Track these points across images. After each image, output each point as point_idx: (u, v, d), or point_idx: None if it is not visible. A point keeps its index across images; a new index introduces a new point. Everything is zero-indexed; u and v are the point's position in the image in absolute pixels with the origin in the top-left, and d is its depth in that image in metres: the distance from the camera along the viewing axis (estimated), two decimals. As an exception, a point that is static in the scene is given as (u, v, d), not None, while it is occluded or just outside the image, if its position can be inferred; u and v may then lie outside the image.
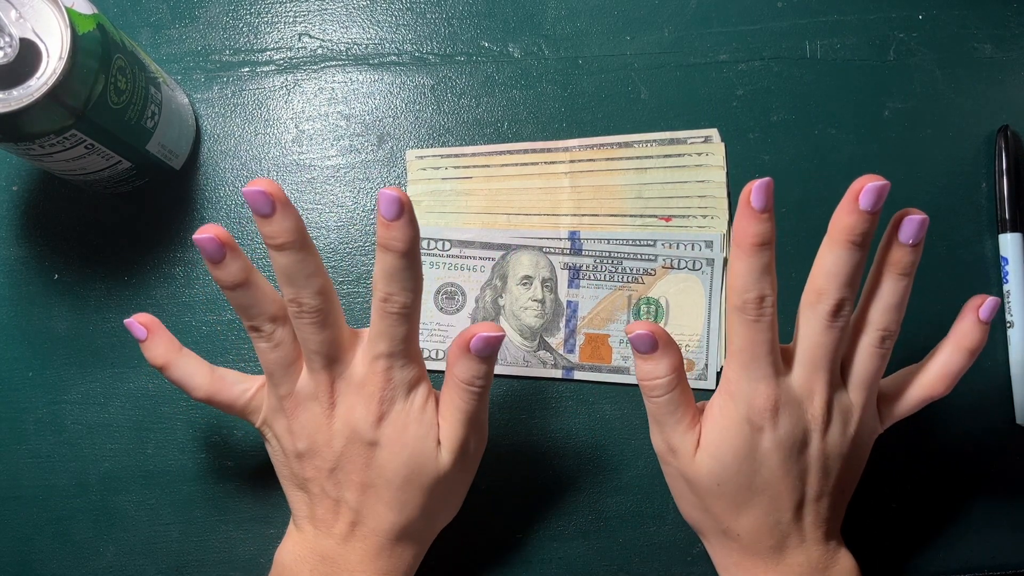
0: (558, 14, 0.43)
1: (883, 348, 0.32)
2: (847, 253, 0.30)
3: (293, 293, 0.31)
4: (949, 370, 0.33)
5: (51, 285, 0.41)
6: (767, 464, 0.32)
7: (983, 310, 0.32)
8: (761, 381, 0.32)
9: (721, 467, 0.32)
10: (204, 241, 0.30)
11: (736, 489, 0.32)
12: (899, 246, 0.31)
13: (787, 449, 0.32)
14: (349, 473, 0.33)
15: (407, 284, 0.31)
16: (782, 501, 0.33)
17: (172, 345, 0.34)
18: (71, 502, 0.40)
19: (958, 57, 0.43)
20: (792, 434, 0.32)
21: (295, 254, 0.31)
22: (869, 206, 0.29)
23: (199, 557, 0.40)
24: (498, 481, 0.40)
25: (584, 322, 0.41)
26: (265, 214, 0.30)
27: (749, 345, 0.32)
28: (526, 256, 0.41)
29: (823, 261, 0.31)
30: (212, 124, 0.42)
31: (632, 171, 0.41)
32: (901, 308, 0.32)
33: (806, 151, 0.42)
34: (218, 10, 0.43)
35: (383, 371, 0.32)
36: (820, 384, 0.32)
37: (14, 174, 0.42)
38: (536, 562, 0.40)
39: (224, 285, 0.31)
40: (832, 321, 0.31)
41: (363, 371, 0.33)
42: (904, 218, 0.30)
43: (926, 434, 0.41)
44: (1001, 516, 0.40)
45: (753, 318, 0.31)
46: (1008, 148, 0.42)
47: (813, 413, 0.32)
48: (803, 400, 0.32)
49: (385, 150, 0.42)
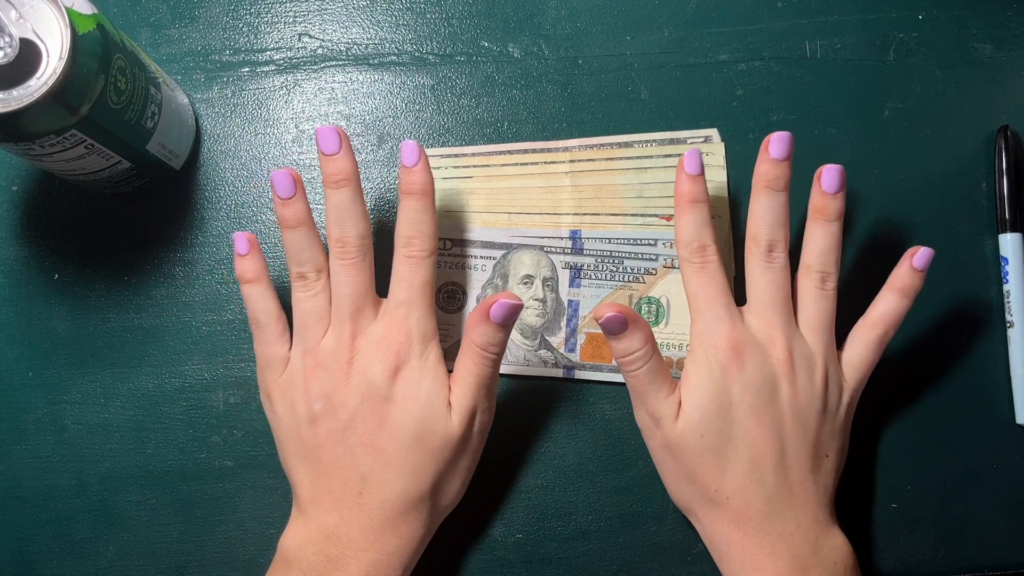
0: (558, 14, 0.43)
1: (825, 289, 0.35)
2: (767, 198, 0.35)
3: (340, 232, 0.35)
4: (886, 310, 0.36)
5: (51, 285, 0.41)
6: (741, 409, 0.34)
7: (917, 259, 0.35)
8: (718, 322, 0.35)
9: (700, 415, 0.34)
10: (279, 176, 0.34)
11: (717, 439, 0.34)
12: (823, 195, 0.35)
13: (757, 392, 0.34)
14: (360, 436, 0.34)
15: (427, 229, 0.35)
16: (763, 452, 0.33)
17: (265, 267, 0.36)
18: (71, 502, 0.40)
19: (958, 57, 0.43)
20: (760, 376, 0.34)
21: (351, 193, 0.35)
22: (779, 154, 0.35)
23: (199, 557, 0.40)
24: (498, 481, 0.40)
25: (585, 321, 0.41)
26: (332, 152, 0.34)
27: (701, 290, 0.35)
28: (527, 255, 0.41)
29: (751, 211, 0.36)
30: (212, 124, 0.42)
31: (632, 171, 0.41)
32: (835, 250, 0.35)
33: (806, 151, 0.42)
34: (218, 10, 0.43)
35: (402, 319, 0.34)
36: (777, 328, 0.35)
37: (14, 174, 0.42)
38: (536, 562, 0.40)
39: (287, 224, 0.35)
40: (768, 261, 0.35)
41: (384, 325, 0.35)
42: (823, 170, 0.35)
43: (926, 434, 0.41)
44: (1001, 516, 0.40)
45: (699, 265, 0.35)
46: (1008, 148, 0.42)
47: (778, 357, 0.34)
48: (765, 344, 0.35)
49: (385, 150, 0.42)
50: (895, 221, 0.42)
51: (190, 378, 0.41)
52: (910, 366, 0.41)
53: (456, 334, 0.40)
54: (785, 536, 0.33)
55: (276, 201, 0.35)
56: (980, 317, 0.41)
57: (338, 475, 0.34)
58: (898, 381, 0.41)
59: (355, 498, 0.33)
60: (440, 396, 0.34)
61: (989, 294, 0.42)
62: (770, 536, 0.33)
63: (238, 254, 0.36)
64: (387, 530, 0.33)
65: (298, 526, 0.35)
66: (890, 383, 0.41)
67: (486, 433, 0.37)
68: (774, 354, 0.34)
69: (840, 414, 0.36)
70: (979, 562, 0.40)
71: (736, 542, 0.34)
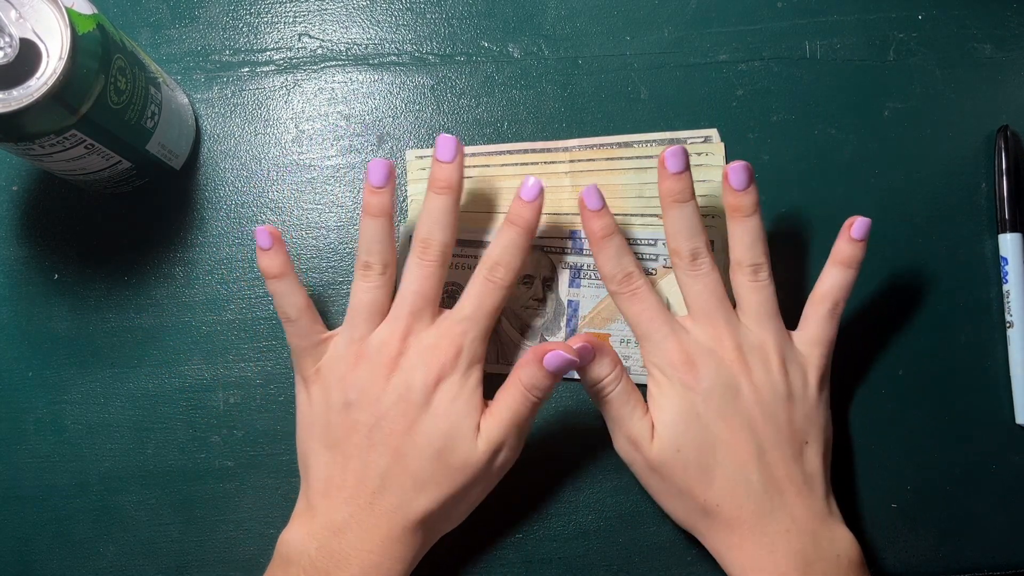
0: (558, 14, 0.43)
1: (759, 279, 0.36)
2: (676, 210, 0.35)
3: (427, 233, 0.35)
4: (833, 284, 0.36)
5: (51, 285, 0.41)
6: (709, 416, 0.34)
7: (855, 230, 0.36)
8: (665, 340, 0.35)
9: (672, 431, 0.34)
10: (376, 164, 0.35)
11: (695, 451, 0.34)
12: (735, 194, 0.35)
13: (720, 396, 0.34)
14: (387, 435, 0.34)
15: (516, 263, 0.36)
16: (741, 454, 0.34)
17: (289, 261, 0.36)
18: (71, 502, 0.40)
19: (958, 57, 0.43)
20: (718, 380, 0.34)
21: (450, 202, 0.36)
22: (676, 168, 0.35)
23: (199, 557, 0.40)
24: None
25: (585, 321, 0.41)
26: (446, 159, 0.35)
27: (641, 315, 0.36)
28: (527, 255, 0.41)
29: (666, 228, 0.36)
30: (212, 124, 0.42)
31: (632, 171, 0.41)
32: (760, 242, 0.36)
33: (806, 151, 0.42)
34: (218, 10, 0.43)
35: (459, 334, 0.35)
36: (721, 328, 0.35)
37: (14, 174, 0.42)
38: (536, 562, 0.40)
39: (371, 211, 0.35)
40: (695, 269, 0.35)
41: (437, 334, 0.35)
42: (728, 169, 0.35)
43: (926, 434, 0.41)
44: (1001, 516, 0.40)
45: (629, 293, 0.36)
46: (1008, 148, 0.42)
47: (729, 357, 0.35)
48: (714, 347, 0.35)
49: (385, 150, 0.42)
50: (895, 221, 0.42)
51: (190, 378, 0.41)
52: (910, 366, 0.41)
53: None
54: (782, 533, 0.33)
55: (367, 188, 0.35)
56: (980, 317, 0.41)
57: (357, 469, 0.34)
58: (898, 381, 0.41)
59: (369, 497, 0.33)
60: (471, 419, 0.34)
61: (989, 294, 0.42)
62: (767, 535, 0.33)
63: (261, 248, 0.36)
64: (394, 536, 0.33)
65: (303, 521, 0.35)
66: (890, 383, 0.41)
67: (504, 471, 0.36)
68: (725, 355, 0.35)
69: (809, 396, 0.36)
70: (979, 562, 0.40)
71: (736, 546, 0.34)
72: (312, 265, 0.41)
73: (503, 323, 0.40)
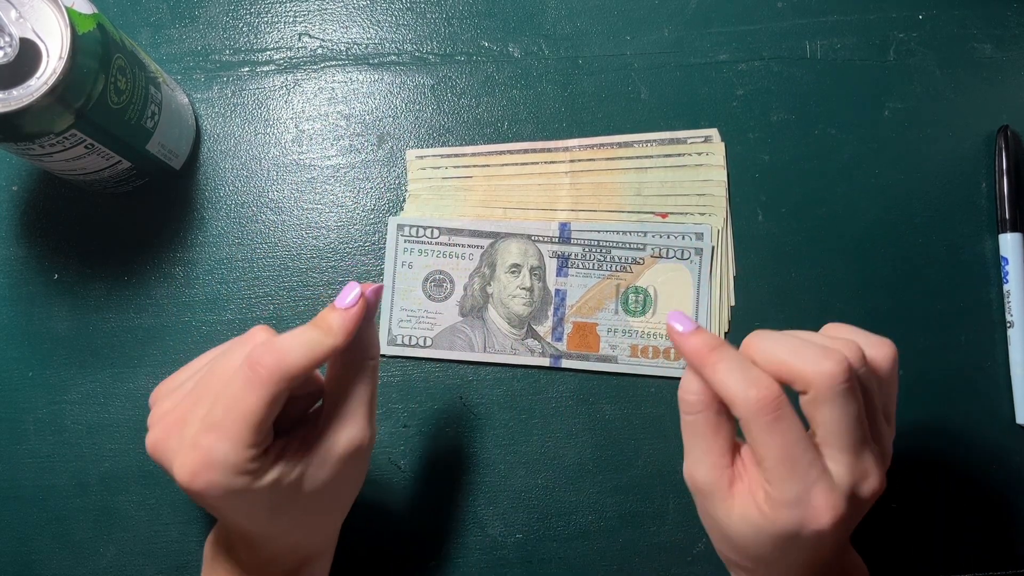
0: (558, 14, 0.43)
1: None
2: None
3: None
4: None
5: (51, 285, 0.41)
6: (809, 544, 0.29)
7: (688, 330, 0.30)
8: (815, 485, 0.27)
9: (756, 545, 0.29)
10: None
11: (771, 558, 0.30)
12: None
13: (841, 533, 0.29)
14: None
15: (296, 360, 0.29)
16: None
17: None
18: (71, 502, 0.40)
19: (958, 57, 0.43)
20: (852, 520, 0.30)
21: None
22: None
23: (199, 557, 0.40)
24: (498, 481, 0.40)
25: (572, 310, 0.41)
26: (341, 306, 0.30)
27: (783, 447, 0.28)
28: (515, 244, 0.41)
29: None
30: (212, 124, 0.42)
31: (632, 171, 0.41)
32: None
33: (806, 151, 0.42)
34: (218, 10, 0.43)
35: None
36: (868, 459, 0.29)
37: (14, 174, 0.42)
38: (536, 562, 0.40)
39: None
40: (845, 382, 0.28)
41: None
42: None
43: (926, 434, 0.41)
44: (1001, 516, 0.40)
45: (773, 417, 0.27)
46: (1008, 148, 0.42)
47: (874, 490, 0.29)
48: (859, 483, 0.29)
49: (385, 150, 0.42)
50: (895, 221, 0.42)
51: (190, 378, 0.41)
52: (910, 366, 0.41)
53: (442, 322, 0.40)
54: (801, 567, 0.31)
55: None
56: (980, 317, 0.41)
57: None
58: (898, 381, 0.41)
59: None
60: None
61: (989, 294, 0.42)
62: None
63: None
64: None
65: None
66: (890, 383, 0.41)
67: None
68: (869, 488, 0.29)
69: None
70: (979, 562, 0.40)
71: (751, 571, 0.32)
72: (312, 265, 0.41)
73: (491, 312, 0.41)
